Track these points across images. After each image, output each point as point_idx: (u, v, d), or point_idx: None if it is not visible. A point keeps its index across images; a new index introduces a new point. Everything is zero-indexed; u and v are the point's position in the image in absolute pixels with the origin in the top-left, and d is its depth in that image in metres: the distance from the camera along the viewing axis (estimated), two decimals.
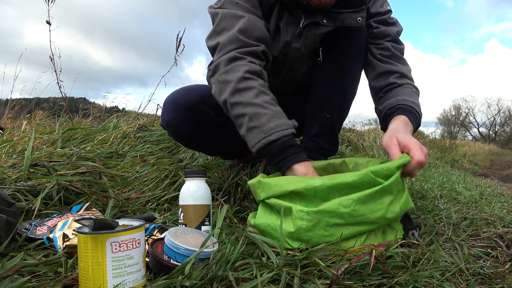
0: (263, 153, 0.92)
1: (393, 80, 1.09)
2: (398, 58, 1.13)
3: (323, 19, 1.06)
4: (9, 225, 0.73)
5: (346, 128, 3.41)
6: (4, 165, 1.29)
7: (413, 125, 0.99)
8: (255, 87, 0.93)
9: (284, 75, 1.20)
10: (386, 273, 0.65)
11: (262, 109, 0.91)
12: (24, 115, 3.03)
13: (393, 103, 1.03)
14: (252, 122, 0.91)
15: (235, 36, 0.97)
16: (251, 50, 0.97)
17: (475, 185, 2.56)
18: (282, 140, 0.90)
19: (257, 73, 0.96)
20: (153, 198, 1.26)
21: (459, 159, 8.28)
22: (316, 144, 1.16)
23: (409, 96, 1.04)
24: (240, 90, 0.93)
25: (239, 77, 0.93)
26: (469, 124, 36.31)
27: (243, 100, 0.92)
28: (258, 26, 1.00)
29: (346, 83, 1.13)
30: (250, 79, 0.94)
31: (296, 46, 1.10)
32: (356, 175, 0.75)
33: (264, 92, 0.94)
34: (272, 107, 0.92)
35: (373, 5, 1.13)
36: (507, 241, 0.93)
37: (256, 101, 0.92)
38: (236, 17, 0.98)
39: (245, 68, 0.94)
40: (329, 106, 1.14)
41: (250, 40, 0.98)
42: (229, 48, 0.97)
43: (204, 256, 0.66)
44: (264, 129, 0.90)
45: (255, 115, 0.91)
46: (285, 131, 0.90)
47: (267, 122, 0.90)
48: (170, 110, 1.11)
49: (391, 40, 1.13)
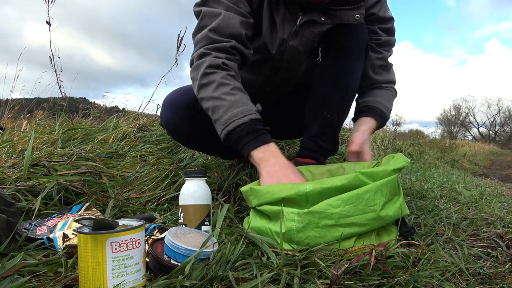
0: (229, 143, 0.96)
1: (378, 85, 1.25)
2: (389, 66, 1.27)
3: (320, 17, 1.06)
4: (9, 225, 0.73)
5: (346, 128, 3.40)
6: (4, 165, 1.29)
7: (376, 123, 1.20)
8: (215, 80, 0.96)
9: (282, 75, 1.20)
10: (386, 273, 0.65)
11: (220, 101, 0.94)
12: (24, 115, 3.03)
13: (369, 102, 1.21)
14: (214, 115, 0.96)
15: (205, 34, 1.00)
16: (218, 46, 0.99)
17: (475, 185, 2.56)
18: (238, 129, 0.92)
19: (218, 66, 0.98)
20: (153, 198, 1.26)
21: (459, 159, 8.28)
22: (316, 144, 1.16)
23: (385, 99, 1.23)
24: (202, 85, 0.97)
25: (201, 73, 0.97)
26: (469, 124, 36.34)
27: (205, 95, 0.97)
28: (232, 24, 1.00)
29: (346, 82, 1.12)
30: (211, 73, 0.97)
31: (293, 44, 1.10)
32: (346, 178, 0.75)
33: (223, 84, 0.96)
34: (229, 97, 0.95)
35: (380, 10, 1.17)
36: (507, 241, 0.93)
37: (215, 94, 0.95)
38: (213, 15, 1.01)
39: (206, 63, 0.97)
40: (329, 105, 1.13)
41: (219, 37, 1.00)
42: (200, 44, 1.01)
43: (204, 256, 0.66)
44: (222, 121, 0.94)
45: (215, 108, 0.95)
46: (240, 120, 0.92)
47: (224, 114, 0.93)
48: (169, 110, 1.12)
49: (390, 49, 1.24)
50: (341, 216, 0.73)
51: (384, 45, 1.22)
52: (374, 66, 1.22)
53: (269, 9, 1.07)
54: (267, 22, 1.08)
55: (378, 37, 1.20)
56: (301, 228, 0.73)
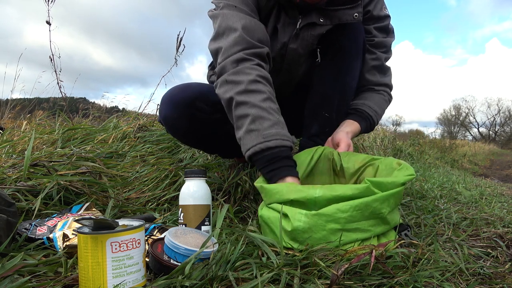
0: (256, 158, 0.90)
1: (370, 87, 1.23)
2: (385, 68, 1.23)
3: (319, 19, 1.06)
4: (9, 225, 0.73)
5: None
6: (4, 165, 1.29)
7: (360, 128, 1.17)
8: (264, 91, 0.93)
9: (282, 76, 1.20)
10: (386, 273, 0.64)
11: (267, 113, 0.90)
12: (25, 115, 3.03)
13: (357, 105, 1.19)
14: (253, 124, 0.90)
15: (241, 37, 0.96)
16: (257, 52, 0.97)
17: (475, 185, 2.56)
18: (280, 149, 0.88)
19: (267, 79, 0.96)
20: (153, 198, 1.26)
21: (459, 159, 8.28)
22: (315, 143, 1.16)
23: (375, 103, 1.20)
24: (250, 91, 0.92)
25: (250, 79, 0.92)
26: (469, 124, 36.35)
27: (250, 100, 0.91)
28: (260, 28, 1.00)
29: (345, 82, 1.13)
30: (261, 83, 0.94)
31: (293, 46, 1.11)
32: (357, 188, 0.75)
33: (271, 99, 0.94)
34: (276, 115, 0.92)
35: (375, 8, 1.15)
36: (507, 241, 0.93)
37: (263, 105, 0.91)
38: (238, 19, 0.98)
39: (256, 72, 0.94)
40: (328, 105, 1.14)
41: (254, 41, 0.97)
42: (235, 49, 0.96)
43: (204, 256, 0.66)
44: (264, 134, 0.88)
45: (258, 117, 0.90)
46: (285, 142, 0.89)
47: (268, 128, 0.89)
48: (168, 106, 1.12)
49: (386, 51, 1.21)
50: (348, 221, 0.73)
51: (379, 46, 1.19)
52: (367, 67, 1.20)
53: (275, 18, 1.08)
54: (270, 30, 1.09)
55: (371, 38, 1.18)
56: (306, 229, 0.74)
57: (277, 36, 1.10)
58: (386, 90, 1.25)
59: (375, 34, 1.18)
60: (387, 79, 1.24)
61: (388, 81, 1.25)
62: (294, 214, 0.75)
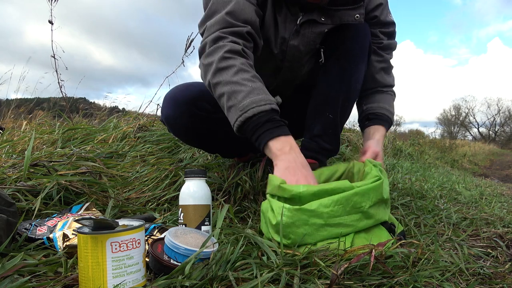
0: (242, 132, 0.90)
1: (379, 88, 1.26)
2: (390, 69, 1.28)
3: (321, 17, 1.06)
4: (9, 225, 0.73)
5: (346, 128, 3.41)
6: (4, 165, 1.29)
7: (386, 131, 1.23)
8: (234, 65, 0.91)
9: (284, 75, 1.20)
10: (386, 273, 0.65)
11: (240, 86, 0.89)
12: (25, 115, 3.04)
13: (375, 109, 1.23)
14: (230, 101, 0.89)
15: (222, 17, 0.97)
16: (235, 30, 0.97)
17: (475, 185, 2.56)
18: (258, 115, 0.87)
19: (238, 52, 0.94)
20: (153, 198, 1.26)
21: (459, 159, 8.28)
22: (317, 144, 1.16)
23: (388, 103, 1.24)
24: (220, 69, 0.92)
25: (219, 56, 0.92)
26: (469, 124, 36.35)
27: (222, 79, 0.91)
28: (248, 10, 0.99)
29: (349, 83, 1.13)
30: (230, 58, 0.92)
31: (294, 43, 1.10)
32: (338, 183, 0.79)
33: (243, 70, 0.92)
34: (250, 83, 0.90)
35: (382, 14, 1.18)
36: (507, 241, 0.93)
37: (234, 79, 0.90)
38: (226, 1, 0.99)
39: (226, 48, 0.93)
40: (332, 106, 1.14)
41: (235, 21, 0.97)
42: (214, 28, 0.97)
43: (204, 256, 0.66)
44: (240, 106, 0.87)
45: (232, 93, 0.89)
46: (261, 107, 0.87)
47: (242, 99, 0.88)
48: (169, 105, 1.12)
49: (390, 52, 1.25)
50: (330, 216, 0.75)
51: (386, 49, 1.23)
52: (376, 69, 1.23)
53: (272, 8, 1.07)
54: (270, 20, 1.08)
55: (380, 41, 1.21)
56: (289, 223, 0.75)
57: (278, 29, 1.09)
58: (392, 89, 1.30)
59: (382, 38, 1.21)
60: (392, 79, 1.29)
61: (392, 81, 1.29)
62: (278, 208, 0.77)
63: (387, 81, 1.26)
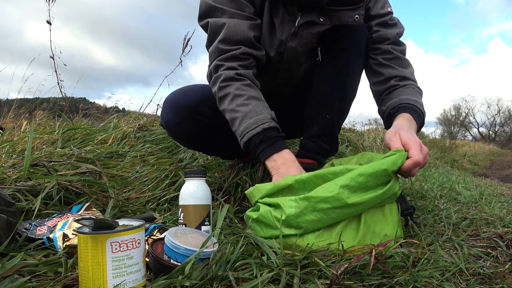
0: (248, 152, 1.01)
1: (395, 83, 1.08)
2: (400, 61, 1.10)
3: (319, 18, 1.05)
4: (9, 225, 0.73)
5: (346, 128, 3.41)
6: (4, 165, 1.29)
7: (417, 123, 0.97)
8: (229, 93, 1.00)
9: (282, 75, 1.19)
10: (386, 273, 0.65)
11: (235, 113, 0.98)
12: (25, 115, 3.04)
13: (396, 103, 1.02)
14: (232, 127, 1.01)
15: (216, 46, 1.03)
16: (229, 55, 1.02)
17: (475, 185, 2.56)
18: (253, 139, 0.96)
19: (232, 78, 1.00)
20: (153, 198, 1.26)
21: (459, 159, 8.28)
22: (315, 144, 1.16)
23: (411, 95, 1.03)
24: (220, 99, 1.02)
25: (217, 87, 1.02)
26: (469, 124, 36.34)
27: (223, 108, 1.02)
28: (240, 29, 1.01)
29: (346, 82, 1.12)
30: (226, 86, 1.01)
31: (292, 45, 1.09)
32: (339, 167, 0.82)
33: (237, 95, 0.99)
34: (242, 108, 0.98)
35: (374, 7, 1.11)
36: (507, 241, 0.93)
37: (230, 107, 0.99)
38: (219, 26, 1.03)
39: (221, 77, 1.01)
40: (328, 106, 1.13)
41: (229, 47, 1.02)
42: (212, 58, 1.05)
43: (204, 256, 0.66)
44: (238, 132, 0.98)
45: (232, 120, 1.00)
46: (253, 131, 0.95)
47: (239, 126, 0.98)
48: (170, 110, 1.11)
49: (391, 43, 1.10)
50: (336, 199, 0.75)
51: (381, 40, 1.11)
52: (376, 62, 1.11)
53: (269, 11, 1.06)
54: (267, 24, 1.07)
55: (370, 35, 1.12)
56: (298, 213, 0.77)
57: (274, 31, 1.08)
58: (412, 82, 1.09)
59: (374, 30, 1.12)
60: (407, 72, 1.09)
61: (408, 74, 1.09)
62: (285, 202, 0.79)
63: (398, 72, 1.08)
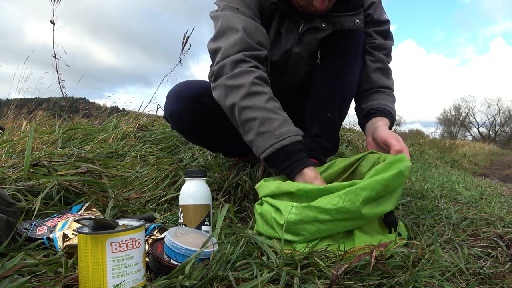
0: (273, 158, 0.93)
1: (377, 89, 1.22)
2: (388, 71, 1.23)
3: (322, 24, 1.08)
4: (9, 225, 0.73)
5: (346, 128, 3.41)
6: (4, 165, 1.29)
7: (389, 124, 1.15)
8: (266, 92, 0.95)
9: (285, 79, 1.22)
10: (386, 273, 0.65)
11: (274, 114, 0.93)
12: (25, 115, 3.04)
13: (375, 105, 1.16)
14: (263, 126, 0.92)
15: (241, 38, 0.97)
16: (256, 54, 0.99)
17: (475, 185, 2.56)
18: (294, 144, 0.92)
19: (266, 80, 0.98)
20: (153, 198, 1.26)
21: (459, 159, 8.28)
22: (317, 143, 1.16)
23: (389, 102, 1.19)
24: (252, 94, 0.93)
25: (250, 81, 0.94)
26: (469, 124, 36.36)
27: (254, 104, 0.93)
28: (260, 31, 1.02)
29: (345, 82, 1.14)
30: (260, 84, 0.96)
31: (297, 50, 1.12)
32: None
33: (273, 99, 0.97)
34: (282, 113, 0.95)
35: (375, 12, 1.17)
36: (507, 241, 0.93)
37: (268, 106, 0.93)
38: (239, 21, 0.99)
39: (255, 74, 0.95)
40: (329, 105, 1.15)
41: (253, 43, 0.99)
42: (234, 49, 0.97)
43: (204, 256, 0.66)
44: (277, 134, 0.91)
45: (266, 119, 0.92)
46: (296, 137, 0.92)
47: (279, 127, 0.92)
48: (174, 101, 1.13)
49: (386, 54, 1.21)
50: (339, 211, 0.76)
51: (380, 49, 1.21)
52: (370, 69, 1.21)
53: (277, 22, 1.10)
54: (273, 34, 1.10)
55: (372, 40, 1.20)
56: (298, 220, 0.77)
57: (280, 40, 1.11)
58: (391, 92, 1.25)
59: (376, 37, 1.20)
60: (391, 82, 1.24)
61: (391, 84, 1.24)
62: (286, 207, 0.79)
63: (385, 82, 1.22)
